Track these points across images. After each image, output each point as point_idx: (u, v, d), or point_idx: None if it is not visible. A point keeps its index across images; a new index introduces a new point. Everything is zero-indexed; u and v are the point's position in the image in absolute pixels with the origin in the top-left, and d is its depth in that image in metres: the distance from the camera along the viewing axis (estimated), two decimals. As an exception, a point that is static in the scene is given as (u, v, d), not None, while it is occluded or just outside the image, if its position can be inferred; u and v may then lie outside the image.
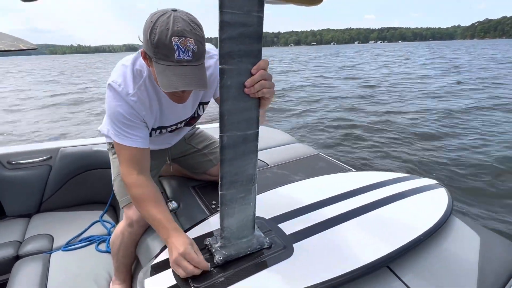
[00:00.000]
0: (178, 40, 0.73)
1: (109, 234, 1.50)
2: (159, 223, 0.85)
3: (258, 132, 0.73)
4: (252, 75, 0.65)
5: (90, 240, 1.45)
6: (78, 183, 1.75)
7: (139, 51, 0.89)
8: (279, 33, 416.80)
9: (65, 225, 1.56)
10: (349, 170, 1.44)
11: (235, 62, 0.63)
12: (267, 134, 1.97)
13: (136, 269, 1.19)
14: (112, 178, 1.18)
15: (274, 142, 1.83)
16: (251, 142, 0.73)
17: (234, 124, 0.68)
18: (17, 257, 1.35)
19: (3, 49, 1.28)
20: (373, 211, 0.99)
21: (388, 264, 0.80)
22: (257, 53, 0.65)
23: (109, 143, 1.23)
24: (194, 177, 1.39)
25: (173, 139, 1.25)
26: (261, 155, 1.58)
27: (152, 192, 0.91)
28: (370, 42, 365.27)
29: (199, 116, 1.17)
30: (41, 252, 1.36)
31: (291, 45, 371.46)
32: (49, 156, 1.69)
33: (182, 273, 0.71)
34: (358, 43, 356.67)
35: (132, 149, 0.91)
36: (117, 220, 1.64)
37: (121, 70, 0.91)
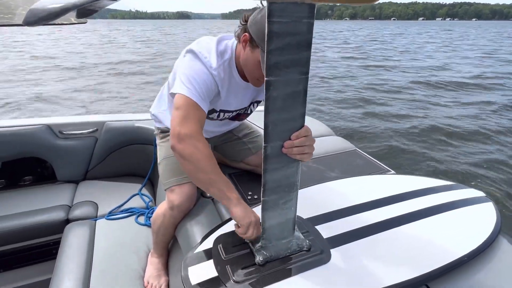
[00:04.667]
0: None
1: (147, 207, 1.59)
2: (230, 184, 0.87)
3: None
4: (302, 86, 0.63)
5: (130, 212, 1.54)
6: (120, 156, 1.86)
7: (224, 35, 1.02)
8: (334, 5, 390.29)
9: (108, 195, 1.67)
10: (388, 171, 1.36)
11: (282, 73, 0.60)
12: None
13: (173, 247, 1.25)
14: (158, 161, 1.22)
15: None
16: None
17: (278, 135, 0.68)
18: (67, 220, 1.49)
19: (57, 23, 1.32)
20: (416, 221, 0.95)
21: (427, 282, 0.76)
22: (306, 62, 0.61)
23: (158, 128, 1.27)
24: (232, 165, 1.40)
25: (220, 130, 1.28)
26: None
27: (212, 156, 0.88)
28: (438, 19, 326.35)
29: (251, 112, 1.22)
30: (87, 218, 1.49)
31: (346, 19, 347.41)
32: (95, 128, 1.80)
33: (249, 232, 0.80)
34: (423, 19, 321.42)
35: (203, 111, 0.91)
36: (154, 195, 1.73)
37: (207, 45, 0.96)
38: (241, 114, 1.20)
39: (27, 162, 1.75)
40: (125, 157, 1.86)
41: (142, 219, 1.51)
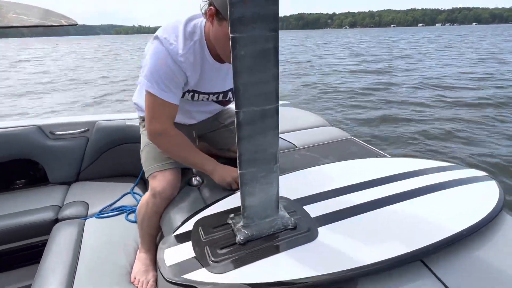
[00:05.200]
0: None
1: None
2: (202, 157, 1.06)
3: (278, 107, 0.67)
4: (272, 44, 0.60)
5: (120, 210, 1.51)
6: (112, 156, 1.84)
7: (192, 15, 0.97)
8: (334, 14, 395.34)
9: (100, 194, 1.64)
10: (384, 157, 1.32)
11: (248, 29, 0.56)
12: (296, 115, 1.89)
13: (161, 240, 1.21)
14: (141, 149, 1.20)
15: (304, 124, 1.73)
16: (271, 118, 0.67)
17: (250, 99, 0.63)
18: (56, 220, 1.45)
19: (47, 25, 1.32)
20: (410, 199, 0.90)
21: (422, 258, 0.72)
22: (274, 18, 0.58)
23: (141, 117, 1.25)
24: (220, 154, 1.37)
25: (202, 115, 1.25)
26: (289, 137, 1.52)
27: (185, 137, 1.05)
28: (437, 24, 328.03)
29: (229, 99, 1.19)
30: (77, 217, 1.45)
31: (346, 27, 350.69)
32: (86, 128, 1.79)
33: (233, 184, 1.02)
34: (423, 25, 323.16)
35: (171, 105, 0.97)
36: None
37: (174, 29, 0.93)
38: (224, 101, 1.17)
39: (19, 164, 1.74)
40: (118, 156, 1.84)
41: (132, 216, 1.47)
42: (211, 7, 0.84)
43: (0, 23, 1.26)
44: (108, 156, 1.83)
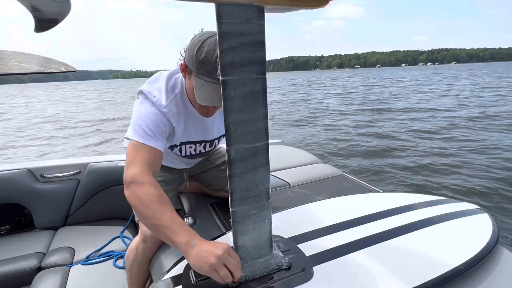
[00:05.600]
0: None
1: (128, 250, 1.49)
2: (180, 225, 0.75)
3: (268, 144, 0.68)
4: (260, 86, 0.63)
5: (108, 255, 1.44)
6: (103, 198, 1.80)
7: (174, 70, 0.99)
8: (322, 56, 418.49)
9: (88, 239, 1.58)
10: (376, 192, 1.33)
11: (238, 72, 0.60)
12: (288, 153, 1.91)
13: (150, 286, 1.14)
14: None
15: (296, 162, 1.75)
16: (261, 155, 0.68)
17: (241, 137, 0.65)
18: (39, 268, 1.37)
19: (46, 72, 1.37)
20: (404, 235, 0.89)
21: None
22: (261, 62, 0.62)
23: None
24: (213, 194, 1.36)
25: (192, 162, 1.26)
26: (282, 174, 1.52)
27: (165, 195, 0.82)
28: (419, 64, 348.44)
29: (215, 146, 1.22)
30: (61, 264, 1.38)
31: (334, 68, 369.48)
32: (78, 171, 1.77)
33: (219, 278, 0.67)
34: (406, 65, 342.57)
35: (153, 150, 0.89)
36: None
37: (157, 84, 0.97)
38: (206, 152, 1.17)
39: (5, 209, 1.68)
40: (108, 199, 1.80)
41: (121, 262, 1.40)
42: (182, 62, 0.90)
43: (1, 71, 1.31)
44: (99, 199, 1.79)
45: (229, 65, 0.60)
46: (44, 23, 0.56)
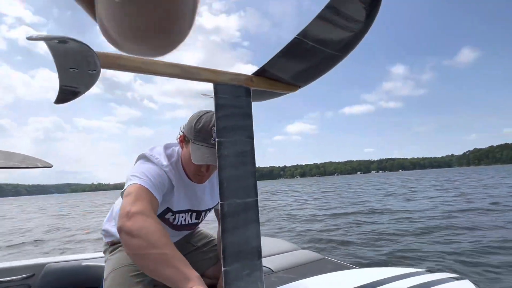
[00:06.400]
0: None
1: None
2: (183, 267, 0.74)
3: (257, 200, 0.75)
4: (249, 147, 0.75)
5: None
6: None
7: (169, 143, 1.12)
8: (285, 166, 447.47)
9: None
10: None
11: (230, 135, 0.73)
12: (267, 242, 1.89)
13: None
14: (104, 277, 1.07)
15: (277, 250, 1.73)
16: (252, 210, 0.73)
17: (233, 192, 0.71)
18: None
19: (22, 166, 1.40)
20: None
21: None
22: (249, 128, 0.76)
23: (107, 242, 1.19)
24: None
25: (178, 235, 1.24)
26: (264, 262, 1.48)
27: (166, 232, 0.80)
28: (372, 171, 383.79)
29: (201, 221, 1.25)
30: None
31: (297, 177, 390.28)
32: (31, 273, 1.53)
33: None
34: (361, 173, 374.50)
35: (154, 199, 0.90)
36: None
37: (155, 150, 1.07)
38: (193, 224, 1.19)
39: None
40: None
41: None
42: (181, 134, 1.05)
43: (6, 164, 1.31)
44: None
45: (224, 129, 0.72)
46: (68, 95, 0.62)
